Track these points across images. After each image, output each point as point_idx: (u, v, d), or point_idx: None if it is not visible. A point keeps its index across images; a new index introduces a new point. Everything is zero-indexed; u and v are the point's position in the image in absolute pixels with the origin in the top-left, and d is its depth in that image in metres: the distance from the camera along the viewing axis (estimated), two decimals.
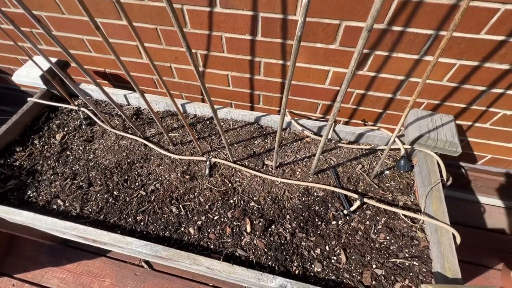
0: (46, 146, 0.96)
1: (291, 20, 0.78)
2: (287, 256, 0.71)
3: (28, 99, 1.04)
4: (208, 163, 0.87)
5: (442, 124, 0.80)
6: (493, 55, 0.73)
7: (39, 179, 0.88)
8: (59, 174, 0.89)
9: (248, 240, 0.73)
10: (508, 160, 1.08)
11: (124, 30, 0.95)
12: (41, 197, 0.84)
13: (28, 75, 0.99)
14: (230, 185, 0.84)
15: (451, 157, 1.11)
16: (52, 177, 0.88)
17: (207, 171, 0.86)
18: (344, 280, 0.68)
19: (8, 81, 1.49)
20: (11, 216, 0.76)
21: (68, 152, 0.94)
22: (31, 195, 0.84)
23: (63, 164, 0.91)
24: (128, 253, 0.84)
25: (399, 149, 0.88)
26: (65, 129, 1.01)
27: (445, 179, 0.79)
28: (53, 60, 1.02)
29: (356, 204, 0.76)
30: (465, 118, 0.94)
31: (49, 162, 0.91)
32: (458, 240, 0.66)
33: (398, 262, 0.69)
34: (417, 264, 0.68)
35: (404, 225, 0.75)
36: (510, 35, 0.67)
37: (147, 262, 1.19)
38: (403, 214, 0.75)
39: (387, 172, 0.86)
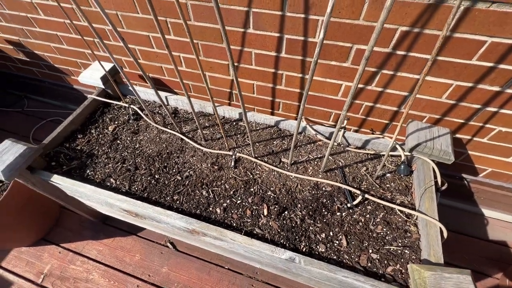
0: (100, 135, 1.16)
1: (310, 42, 0.94)
2: (297, 237, 0.84)
3: (88, 96, 1.26)
4: (233, 157, 1.03)
5: (438, 135, 0.91)
6: (485, 78, 0.85)
7: (96, 161, 1.07)
8: (111, 158, 1.08)
9: (264, 222, 0.88)
10: (508, 174, 1.16)
11: (171, 43, 1.15)
12: (97, 176, 1.03)
13: (91, 76, 1.21)
14: (251, 176, 0.99)
15: (453, 168, 1.21)
16: (106, 160, 1.07)
17: (232, 164, 1.02)
18: (344, 260, 0.80)
19: (65, 80, 1.75)
20: (76, 188, 0.95)
21: (118, 141, 1.14)
22: (89, 174, 1.04)
23: (114, 151, 1.10)
24: (164, 228, 1.01)
25: (400, 155, 1.00)
26: (116, 122, 1.21)
27: (439, 184, 0.90)
28: (111, 65, 1.24)
29: (359, 199, 0.89)
30: (464, 132, 1.05)
31: (103, 148, 1.11)
32: (445, 234, 0.77)
33: (391, 249, 0.81)
34: (408, 252, 0.80)
35: (400, 220, 0.87)
36: (498, 63, 0.79)
37: (171, 243, 1.36)
38: (399, 210, 0.87)
39: (388, 175, 0.98)
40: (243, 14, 0.94)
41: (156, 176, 1.01)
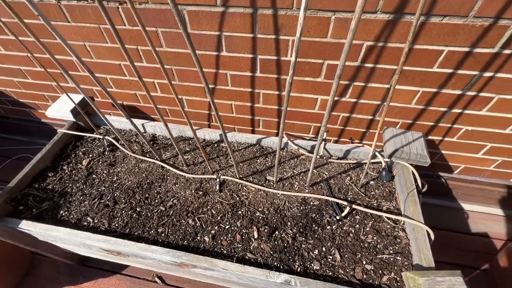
0: (74, 171, 1.09)
1: (283, 60, 0.96)
2: (290, 257, 0.82)
3: (58, 130, 1.19)
4: (218, 180, 1.00)
5: (413, 140, 0.95)
6: (447, 83, 0.91)
7: (70, 200, 1.00)
8: (87, 195, 1.01)
9: (255, 245, 0.85)
10: (479, 169, 1.23)
11: (143, 70, 1.13)
12: (72, 216, 0.96)
13: (60, 110, 1.15)
14: (238, 198, 0.97)
15: (430, 168, 1.26)
16: (81, 198, 1.00)
17: (217, 187, 0.99)
18: (339, 276, 0.79)
19: (32, 115, 1.65)
20: (49, 232, 0.87)
21: (94, 176, 1.07)
22: (63, 214, 0.96)
23: (90, 186, 1.04)
24: (151, 263, 0.94)
25: (380, 162, 1.03)
26: (90, 155, 1.15)
27: (420, 186, 0.93)
28: (81, 96, 1.19)
29: (346, 210, 0.89)
30: (436, 133, 1.11)
31: (77, 184, 1.04)
32: (432, 236, 0.79)
33: (384, 258, 0.81)
34: (400, 259, 0.81)
35: (388, 226, 0.88)
36: (456, 69, 0.86)
37: (160, 278, 1.28)
38: (386, 217, 0.88)
39: (372, 182, 1.00)
40: (215, 38, 0.95)
41: (138, 209, 0.96)
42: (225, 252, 0.84)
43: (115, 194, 1.00)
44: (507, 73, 0.84)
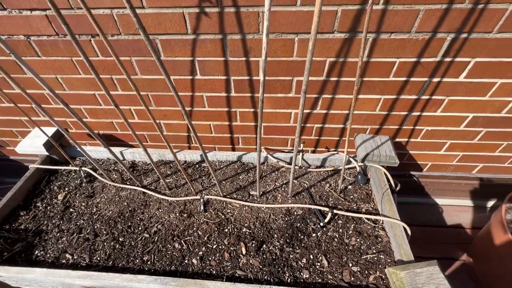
0: (49, 207, 1.04)
1: (256, 80, 1.02)
2: (279, 269, 0.83)
3: (30, 166, 1.14)
4: (202, 200, 1.01)
5: (382, 143, 1.03)
6: (403, 90, 1.01)
7: (45, 238, 0.95)
8: (65, 231, 0.97)
9: (244, 261, 0.85)
10: (444, 164, 1.34)
11: (119, 98, 1.14)
12: (49, 255, 0.91)
13: (32, 145, 1.11)
14: (223, 216, 0.98)
15: (401, 168, 1.34)
16: (58, 235, 0.96)
17: (202, 208, 1.00)
18: (329, 281, 0.81)
19: None
20: (23, 275, 0.82)
21: (71, 209, 1.03)
22: (38, 255, 0.91)
23: (67, 221, 1.00)
24: None
25: (355, 167, 1.09)
26: (66, 189, 1.11)
27: (393, 186, 0.99)
28: (54, 129, 1.16)
29: (329, 216, 0.93)
30: (401, 136, 1.20)
31: (53, 221, 1.00)
32: (409, 232, 0.84)
33: (368, 258, 0.85)
34: (383, 257, 0.84)
35: (369, 227, 0.92)
36: (409, 77, 0.96)
37: None
38: (366, 218, 0.93)
39: (350, 187, 1.05)
40: (189, 63, 0.99)
41: (120, 239, 0.93)
42: (214, 272, 0.83)
43: (95, 226, 0.97)
44: (451, 77, 0.95)
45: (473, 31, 0.82)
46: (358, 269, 0.82)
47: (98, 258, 0.89)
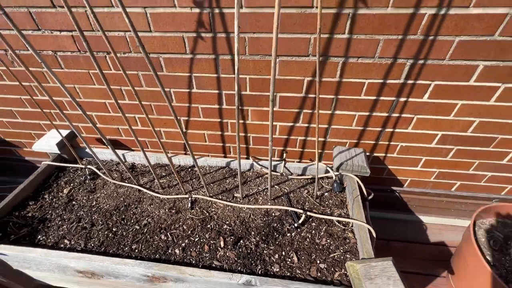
0: (54, 199, 1.17)
1: (244, 94, 1.16)
2: (252, 262, 0.91)
3: (42, 162, 1.29)
4: (190, 199, 1.11)
5: (356, 154, 1.13)
6: (375, 107, 1.13)
7: (48, 225, 1.06)
8: (66, 220, 1.08)
9: (222, 254, 0.94)
10: (424, 181, 1.41)
11: (125, 106, 1.30)
12: (49, 240, 1.01)
13: (47, 144, 1.27)
14: (207, 214, 1.07)
15: (383, 183, 1.42)
16: (59, 223, 1.07)
17: (189, 205, 1.10)
18: (297, 275, 0.88)
19: (15, 153, 1.73)
20: (25, 254, 0.92)
21: (74, 202, 1.15)
22: (40, 239, 1.02)
23: (69, 212, 1.11)
24: (124, 284, 0.98)
25: (332, 176, 1.19)
26: (71, 184, 1.24)
27: (365, 194, 1.08)
28: (67, 131, 1.32)
29: (302, 217, 1.01)
30: (379, 150, 1.30)
31: (57, 211, 1.11)
32: (374, 234, 0.92)
33: (336, 256, 0.92)
34: (349, 256, 0.91)
35: (339, 229, 1.00)
36: (378, 96, 1.08)
37: None
38: (336, 221, 1.01)
39: (326, 194, 1.14)
40: (187, 78, 1.15)
41: (114, 229, 1.03)
42: (193, 262, 0.92)
43: (93, 217, 1.08)
44: (416, 98, 1.07)
45: (428, 58, 0.95)
46: (325, 266, 0.89)
47: (92, 245, 0.99)
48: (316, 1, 0.87)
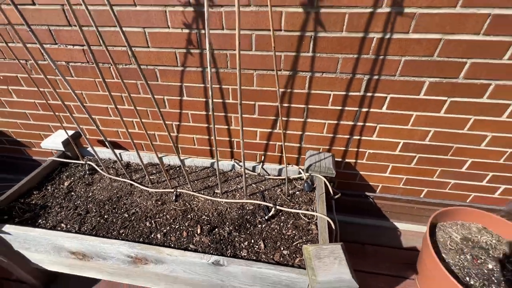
0: (56, 190, 1.31)
1: (227, 102, 1.33)
2: (224, 247, 1.03)
3: (48, 158, 1.45)
4: (175, 193, 1.25)
5: (324, 158, 1.27)
6: (342, 116, 1.28)
7: (48, 211, 1.20)
8: (64, 207, 1.22)
9: (198, 239, 1.06)
10: (394, 187, 1.52)
11: (125, 112, 1.47)
12: (48, 223, 1.15)
13: (53, 142, 1.43)
14: (189, 206, 1.20)
15: (357, 188, 1.54)
16: (58, 210, 1.21)
17: (174, 198, 1.23)
18: (261, 259, 0.99)
19: (24, 152, 1.90)
20: (27, 233, 1.06)
21: (72, 193, 1.30)
22: (41, 222, 1.15)
23: (68, 201, 1.25)
24: (111, 267, 1.10)
25: (303, 177, 1.31)
26: (72, 178, 1.39)
27: (332, 193, 1.20)
28: (72, 132, 1.49)
29: (272, 210, 1.13)
30: (350, 157, 1.43)
31: (57, 200, 1.26)
32: (333, 226, 1.03)
33: (298, 245, 1.03)
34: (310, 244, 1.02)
35: (304, 222, 1.11)
36: (343, 106, 1.24)
37: None
38: (302, 214, 1.13)
39: (298, 192, 1.27)
40: (178, 87, 1.33)
41: (105, 216, 1.17)
42: (172, 245, 1.04)
43: (88, 206, 1.22)
44: (376, 108, 1.22)
45: (381, 74, 1.12)
46: (288, 253, 1.00)
47: (85, 228, 1.12)
48: (283, 25, 1.05)
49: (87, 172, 1.40)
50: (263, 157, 1.47)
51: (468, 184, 1.41)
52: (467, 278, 1.07)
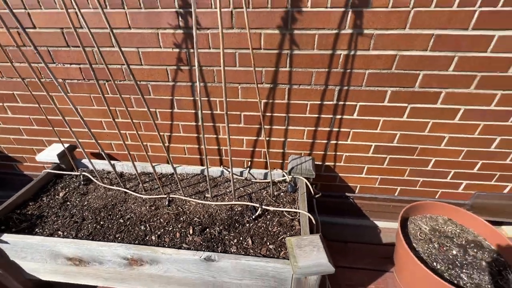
0: (51, 201, 1.37)
1: (215, 113, 1.45)
2: (215, 244, 1.11)
3: (43, 171, 1.50)
4: (167, 198, 1.33)
5: (305, 161, 1.40)
6: (319, 123, 1.42)
7: (45, 220, 1.25)
8: (60, 216, 1.27)
9: (190, 239, 1.14)
10: (370, 187, 1.66)
11: (120, 124, 1.56)
12: (45, 232, 1.20)
13: (48, 154, 1.50)
14: (181, 210, 1.29)
15: (337, 189, 1.66)
16: (54, 219, 1.26)
17: (166, 203, 1.31)
18: (249, 254, 1.08)
19: (15, 168, 1.93)
20: (24, 241, 1.11)
21: (68, 203, 1.35)
22: (38, 231, 1.20)
23: (63, 210, 1.31)
24: (107, 271, 1.15)
25: (286, 179, 1.43)
26: (67, 189, 1.45)
27: (313, 193, 1.32)
28: (66, 145, 1.56)
29: (259, 210, 1.24)
30: (329, 160, 1.57)
31: (53, 210, 1.31)
32: (313, 220, 1.14)
33: (282, 239, 1.13)
34: None
35: (288, 220, 1.22)
36: (319, 114, 1.38)
37: None
38: (286, 212, 1.24)
39: (282, 194, 1.38)
40: (169, 101, 1.44)
41: (101, 222, 1.23)
42: (167, 245, 1.11)
43: (84, 214, 1.28)
44: (349, 115, 1.38)
45: (350, 85, 1.28)
46: (274, 247, 1.10)
47: (82, 234, 1.18)
48: (262, 45, 1.20)
49: (82, 183, 1.46)
50: (249, 163, 1.58)
51: (435, 181, 1.56)
52: (435, 264, 1.19)
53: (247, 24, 0.83)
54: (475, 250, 1.24)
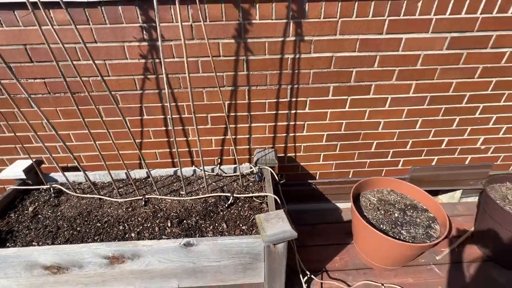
0: (20, 216, 1.35)
1: (184, 117, 1.57)
2: (193, 232, 1.22)
3: (8, 187, 1.47)
4: (143, 199, 1.41)
5: (268, 153, 1.58)
6: (277, 119, 1.62)
7: (16, 235, 1.24)
8: (32, 229, 1.27)
9: (169, 231, 1.23)
10: (328, 172, 1.89)
11: (83, 136, 1.60)
12: (18, 245, 1.20)
13: (12, 171, 1.48)
14: (158, 207, 1.37)
15: (301, 177, 1.86)
16: (27, 232, 1.26)
17: (143, 203, 1.39)
18: (225, 235, 1.21)
19: None
20: None
21: (39, 216, 1.35)
22: (9, 246, 1.20)
23: (35, 223, 1.31)
24: (87, 275, 1.19)
25: (254, 171, 1.59)
26: (36, 203, 1.44)
27: (277, 179, 1.49)
28: (30, 162, 1.55)
29: (231, 199, 1.37)
30: (290, 151, 1.77)
31: (23, 224, 1.30)
32: (279, 200, 1.31)
33: (253, 220, 1.28)
34: None
35: (257, 204, 1.38)
36: (277, 110, 1.58)
37: None
38: (255, 197, 1.39)
39: (251, 183, 1.53)
40: (139, 108, 1.53)
41: (78, 228, 1.26)
42: (147, 240, 1.19)
43: (59, 223, 1.30)
44: (301, 109, 1.60)
45: (299, 83, 1.50)
46: (246, 227, 1.24)
47: (59, 242, 1.20)
48: (221, 52, 1.38)
49: (53, 195, 1.47)
50: (220, 160, 1.72)
51: (379, 161, 1.85)
52: (382, 226, 1.43)
53: (206, 35, 0.99)
54: (411, 211, 1.51)
